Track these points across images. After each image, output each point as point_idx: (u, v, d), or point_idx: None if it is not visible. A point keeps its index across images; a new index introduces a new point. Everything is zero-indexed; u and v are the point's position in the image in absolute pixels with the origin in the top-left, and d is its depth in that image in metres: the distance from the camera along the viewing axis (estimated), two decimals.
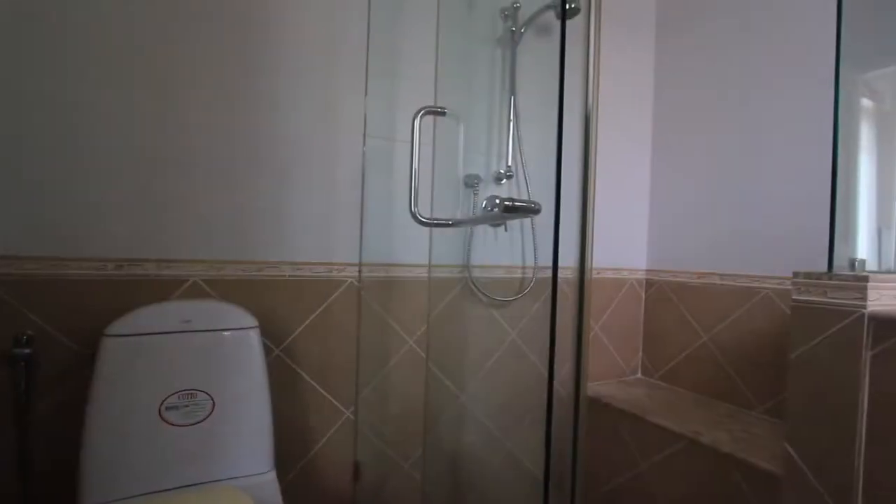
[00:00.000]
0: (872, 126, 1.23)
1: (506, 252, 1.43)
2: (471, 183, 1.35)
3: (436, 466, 1.39)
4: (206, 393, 0.96)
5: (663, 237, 1.73)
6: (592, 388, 1.62)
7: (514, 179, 1.39)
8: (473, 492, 1.45)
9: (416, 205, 1.05)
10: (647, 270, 1.77)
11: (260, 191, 1.16)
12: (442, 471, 1.42)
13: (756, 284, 1.39)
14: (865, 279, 0.81)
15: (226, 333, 1.00)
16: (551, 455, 0.69)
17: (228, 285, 1.13)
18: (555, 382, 1.64)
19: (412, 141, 1.05)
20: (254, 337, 1.03)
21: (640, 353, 1.77)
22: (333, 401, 1.26)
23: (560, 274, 0.83)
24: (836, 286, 0.85)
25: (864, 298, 0.81)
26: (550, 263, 0.75)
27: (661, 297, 1.70)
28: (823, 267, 0.92)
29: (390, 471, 1.33)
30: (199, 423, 0.95)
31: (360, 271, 1.27)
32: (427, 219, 1.11)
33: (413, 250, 1.32)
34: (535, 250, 1.41)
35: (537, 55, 1.35)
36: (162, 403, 0.93)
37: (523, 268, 1.45)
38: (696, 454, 1.25)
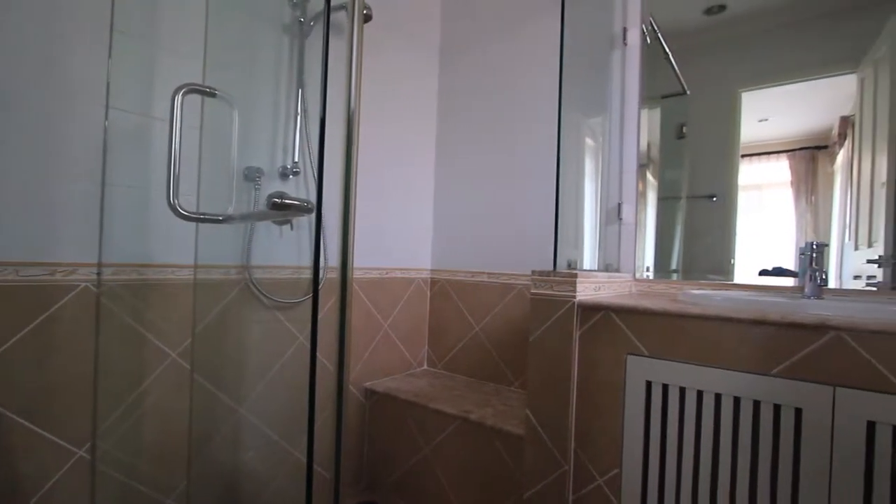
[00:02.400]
0: (592, 158, 1.61)
1: (292, 251, 1.37)
2: (252, 176, 1.23)
3: (207, 493, 1.23)
4: None
5: (445, 240, 1.92)
6: (382, 383, 1.68)
7: (301, 176, 1.33)
8: None
9: (176, 196, 0.91)
10: (431, 270, 1.93)
11: None
12: (215, 495, 1.26)
13: (513, 281, 1.67)
14: (575, 276, 1.05)
15: None
16: (313, 449, 0.68)
17: None
18: (343, 380, 1.64)
19: (172, 121, 0.90)
20: None
21: (426, 347, 1.93)
22: (57, 439, 0.99)
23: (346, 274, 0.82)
24: (558, 281, 1.08)
25: (574, 290, 1.05)
26: (334, 264, 0.74)
27: (443, 294, 1.89)
28: (563, 267, 1.17)
29: None
30: None
31: (99, 273, 1.02)
32: (191, 212, 0.96)
33: (176, 248, 1.13)
34: (324, 250, 1.39)
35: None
36: None
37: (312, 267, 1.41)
38: (468, 430, 1.42)
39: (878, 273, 1.19)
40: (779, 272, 1.32)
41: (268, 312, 1.34)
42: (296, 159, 1.31)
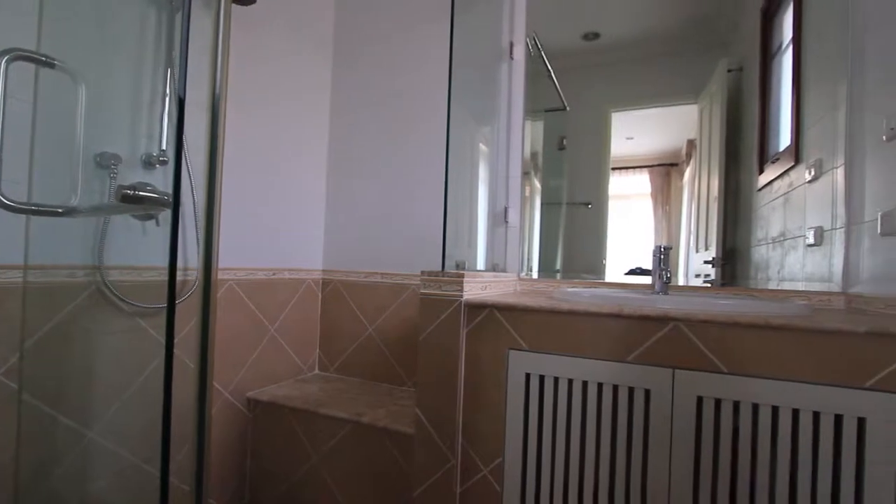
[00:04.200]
0: (487, 164, 1.68)
1: (158, 250, 1.22)
2: (106, 164, 1.07)
3: None
4: None
5: (338, 240, 1.87)
6: (268, 391, 1.58)
7: (171, 166, 1.19)
8: None
9: None
10: (323, 270, 1.87)
11: None
12: None
13: (406, 281, 1.68)
14: (462, 276, 1.09)
15: None
16: (170, 465, 0.61)
17: None
18: (223, 390, 1.52)
19: None
20: None
21: (318, 350, 1.85)
22: None
23: (221, 275, 0.75)
24: (446, 281, 1.10)
25: (462, 290, 1.09)
26: (197, 264, 0.67)
27: (336, 295, 1.84)
28: (451, 268, 1.19)
29: None
30: None
31: None
32: (19, 203, 0.81)
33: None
34: (199, 248, 1.26)
35: (201, 30, 1.21)
36: None
37: (184, 269, 1.27)
38: (360, 434, 1.39)
39: (712, 272, 1.42)
40: (640, 272, 1.51)
41: (128, 320, 1.17)
42: (163, 147, 1.17)
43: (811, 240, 1.25)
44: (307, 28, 1.79)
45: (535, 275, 1.63)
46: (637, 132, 1.58)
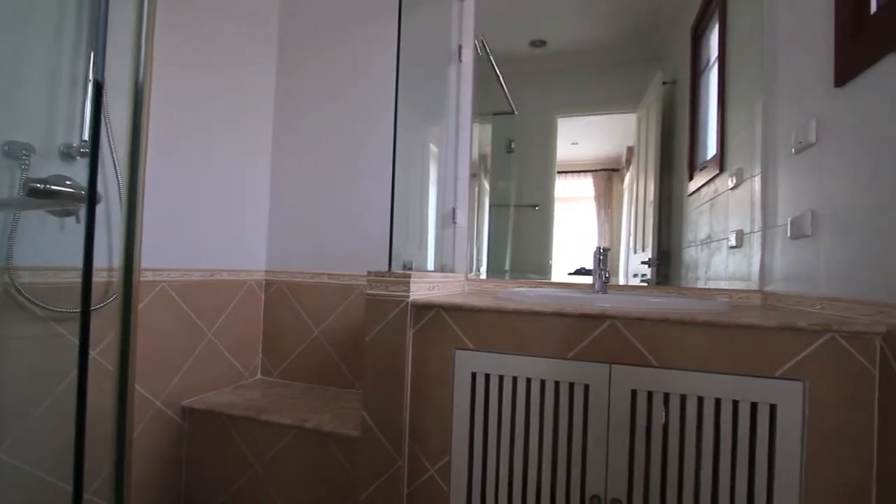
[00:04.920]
0: (436, 165, 1.69)
1: (79, 249, 1.12)
2: (16, 154, 0.97)
3: None
4: None
5: (283, 240, 1.81)
6: (205, 399, 1.50)
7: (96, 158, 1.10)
8: None
9: None
10: (266, 271, 1.80)
11: None
12: None
13: (354, 282, 1.65)
14: (408, 276, 1.08)
15: None
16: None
17: None
18: (155, 399, 1.42)
19: None
20: None
21: (260, 355, 1.78)
22: None
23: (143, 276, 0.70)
24: (392, 282, 1.10)
25: (408, 290, 1.09)
26: (113, 264, 0.62)
27: (280, 296, 1.77)
28: (399, 268, 1.18)
29: None
30: None
31: None
32: None
33: None
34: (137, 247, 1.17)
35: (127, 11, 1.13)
36: None
37: (110, 269, 1.18)
38: (304, 439, 1.35)
39: (649, 272, 1.50)
40: (584, 272, 1.57)
41: (42, 325, 1.07)
42: (85, 137, 1.08)
43: (733, 242, 1.35)
44: (251, 19, 1.72)
45: (483, 275, 1.65)
46: (582, 138, 1.64)
